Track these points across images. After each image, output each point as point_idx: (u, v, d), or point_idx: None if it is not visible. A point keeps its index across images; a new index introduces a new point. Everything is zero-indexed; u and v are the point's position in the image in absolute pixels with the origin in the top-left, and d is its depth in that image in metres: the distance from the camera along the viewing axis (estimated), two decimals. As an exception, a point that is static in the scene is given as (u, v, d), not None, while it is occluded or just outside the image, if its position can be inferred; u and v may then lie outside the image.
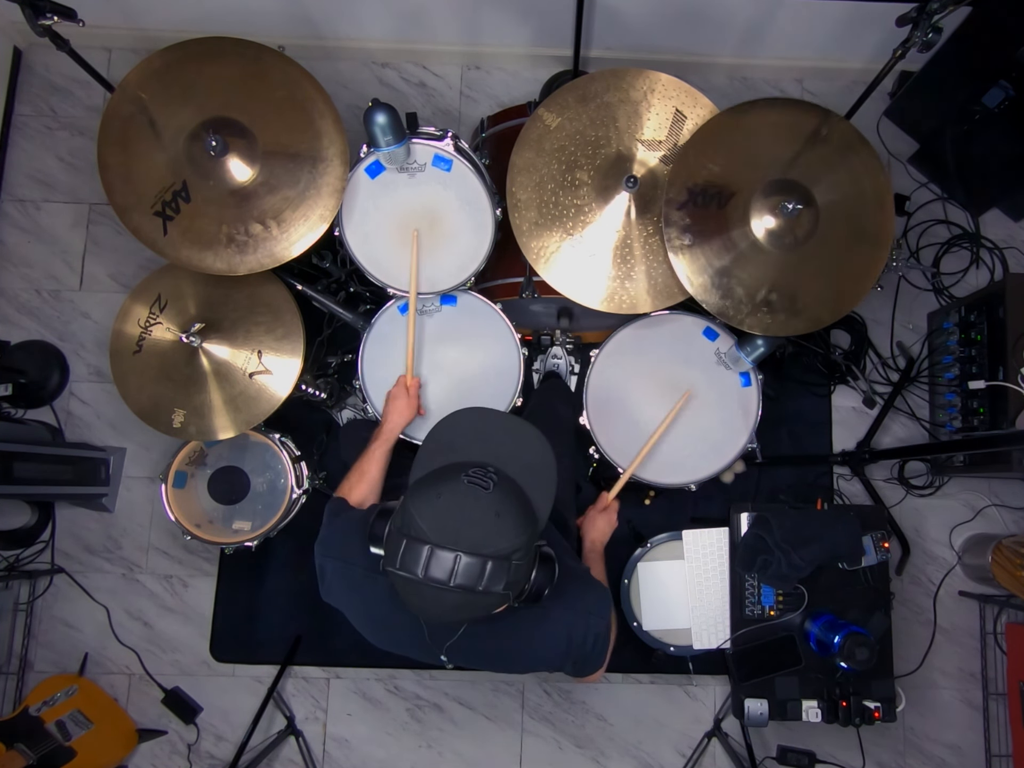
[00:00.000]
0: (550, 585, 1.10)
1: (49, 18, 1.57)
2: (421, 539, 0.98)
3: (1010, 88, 2.04)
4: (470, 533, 0.98)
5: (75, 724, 2.08)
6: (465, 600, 0.99)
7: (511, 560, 0.99)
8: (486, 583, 0.97)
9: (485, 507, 1.01)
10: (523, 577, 1.05)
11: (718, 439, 1.88)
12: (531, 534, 1.05)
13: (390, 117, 1.54)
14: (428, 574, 0.96)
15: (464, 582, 0.96)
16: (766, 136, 1.69)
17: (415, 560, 0.97)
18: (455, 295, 1.90)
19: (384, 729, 2.28)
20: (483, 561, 0.97)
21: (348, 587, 1.27)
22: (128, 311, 1.91)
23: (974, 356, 2.17)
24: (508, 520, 1.01)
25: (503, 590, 0.99)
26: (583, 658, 1.27)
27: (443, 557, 0.96)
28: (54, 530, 2.33)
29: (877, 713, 1.94)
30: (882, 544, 1.99)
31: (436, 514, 1.00)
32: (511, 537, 1.00)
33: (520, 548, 1.01)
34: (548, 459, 1.15)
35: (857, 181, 1.69)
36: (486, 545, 0.98)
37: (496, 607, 1.04)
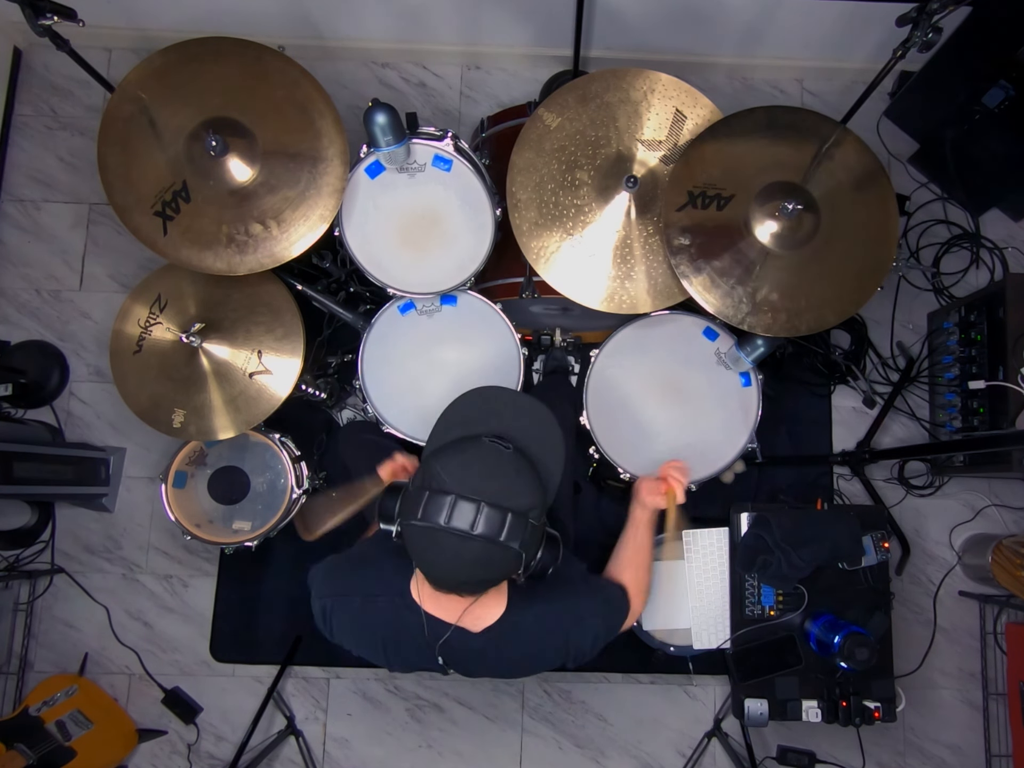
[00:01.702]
0: (555, 564, 1.13)
1: (49, 18, 1.57)
2: (444, 490, 1.02)
3: (1010, 88, 2.04)
4: (492, 486, 1.03)
5: (75, 724, 2.08)
6: (484, 552, 1.01)
7: (528, 518, 1.03)
8: (506, 535, 1.01)
9: (507, 464, 1.06)
10: (535, 542, 1.08)
11: (718, 439, 1.88)
12: (545, 499, 1.09)
13: (390, 117, 1.54)
14: (451, 523, 1.00)
15: (485, 531, 1.00)
16: (768, 139, 1.69)
17: (438, 509, 1.01)
18: (455, 295, 1.90)
19: (384, 729, 2.28)
20: (504, 513, 1.01)
21: (350, 619, 1.27)
22: (128, 311, 1.91)
23: (974, 356, 2.17)
24: (526, 478, 1.07)
25: (519, 548, 1.02)
26: (581, 656, 1.28)
27: (466, 507, 1.00)
28: (54, 530, 2.33)
29: (877, 713, 1.94)
30: (882, 544, 1.98)
31: (460, 466, 1.05)
32: (529, 494, 1.05)
33: (536, 507, 1.05)
34: (558, 436, 1.19)
35: (858, 184, 1.69)
36: (508, 498, 1.02)
37: (509, 570, 1.06)
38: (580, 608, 1.26)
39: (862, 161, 1.71)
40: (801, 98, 2.58)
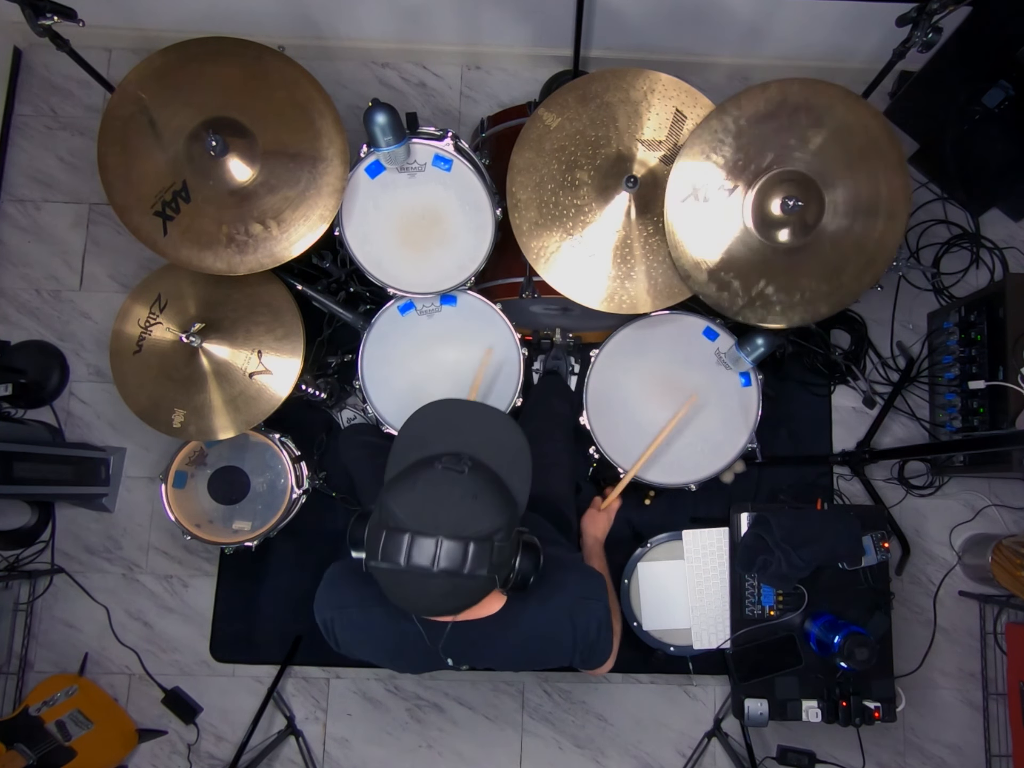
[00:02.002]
0: (535, 573, 1.09)
1: (49, 18, 1.58)
2: (400, 528, 0.98)
3: (1010, 88, 2.05)
4: (449, 517, 0.99)
5: (75, 724, 2.08)
6: (451, 586, 0.99)
7: (493, 541, 1.00)
8: (470, 566, 0.97)
9: (461, 490, 1.01)
10: (506, 561, 1.04)
11: (718, 439, 1.89)
12: (510, 516, 1.05)
13: (390, 117, 1.54)
14: (411, 562, 0.96)
15: (448, 566, 0.96)
16: (775, 126, 1.67)
17: (396, 549, 0.97)
18: (455, 295, 1.90)
19: (384, 729, 2.28)
20: (465, 543, 0.97)
21: (352, 632, 1.27)
22: (128, 311, 1.91)
23: (974, 356, 2.17)
24: (486, 501, 1.02)
25: (488, 573, 0.99)
26: (589, 646, 1.26)
27: (424, 543, 0.96)
28: (54, 530, 2.33)
29: (877, 713, 1.94)
30: (882, 544, 1.99)
31: (413, 501, 1.00)
32: (490, 517, 1.01)
33: (501, 528, 1.01)
34: (521, 443, 1.16)
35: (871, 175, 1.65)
36: (466, 527, 0.98)
37: (484, 593, 1.04)
38: (581, 590, 1.25)
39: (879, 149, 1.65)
40: (801, 98, 2.57)
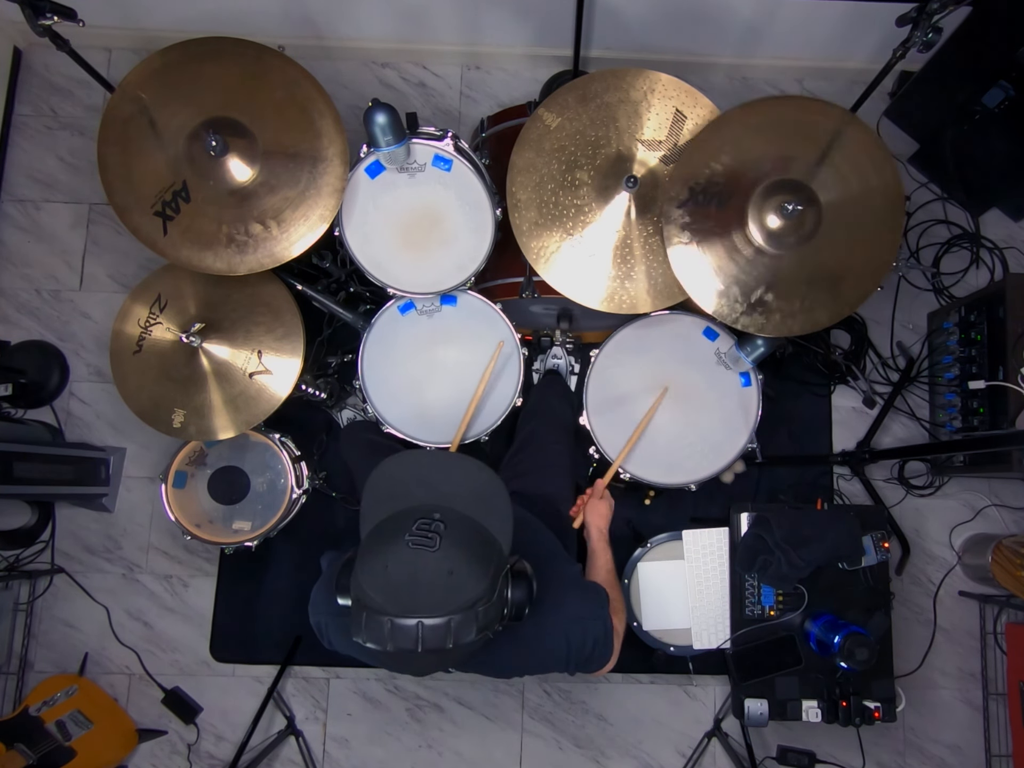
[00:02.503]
0: (529, 602, 1.07)
1: (49, 18, 1.57)
2: (379, 611, 0.96)
3: (1010, 88, 2.04)
4: (426, 598, 0.96)
5: (75, 724, 2.08)
6: (439, 658, 0.99)
7: (476, 610, 0.97)
8: (454, 639, 0.96)
9: (435, 568, 0.97)
10: (495, 617, 1.02)
11: (718, 439, 1.89)
12: (493, 574, 1.02)
13: (390, 117, 1.54)
14: (395, 645, 0.95)
15: (432, 646, 0.95)
16: (771, 135, 1.68)
17: (379, 634, 0.96)
18: (455, 295, 1.90)
19: (384, 729, 2.28)
20: (447, 621, 0.95)
21: (345, 638, 1.26)
22: (128, 311, 1.91)
23: (974, 356, 2.17)
24: (463, 573, 0.98)
25: (476, 637, 0.98)
26: (585, 660, 1.27)
27: (405, 626, 0.94)
28: (54, 530, 2.33)
29: (877, 713, 1.94)
30: (882, 544, 1.99)
31: (387, 586, 0.97)
32: (469, 590, 0.98)
33: (483, 596, 0.99)
34: (495, 484, 1.13)
35: (865, 180, 1.66)
36: (445, 605, 0.95)
37: (478, 647, 1.02)
38: (578, 610, 1.25)
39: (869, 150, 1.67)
40: (801, 98, 2.58)
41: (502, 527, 1.09)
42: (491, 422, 1.90)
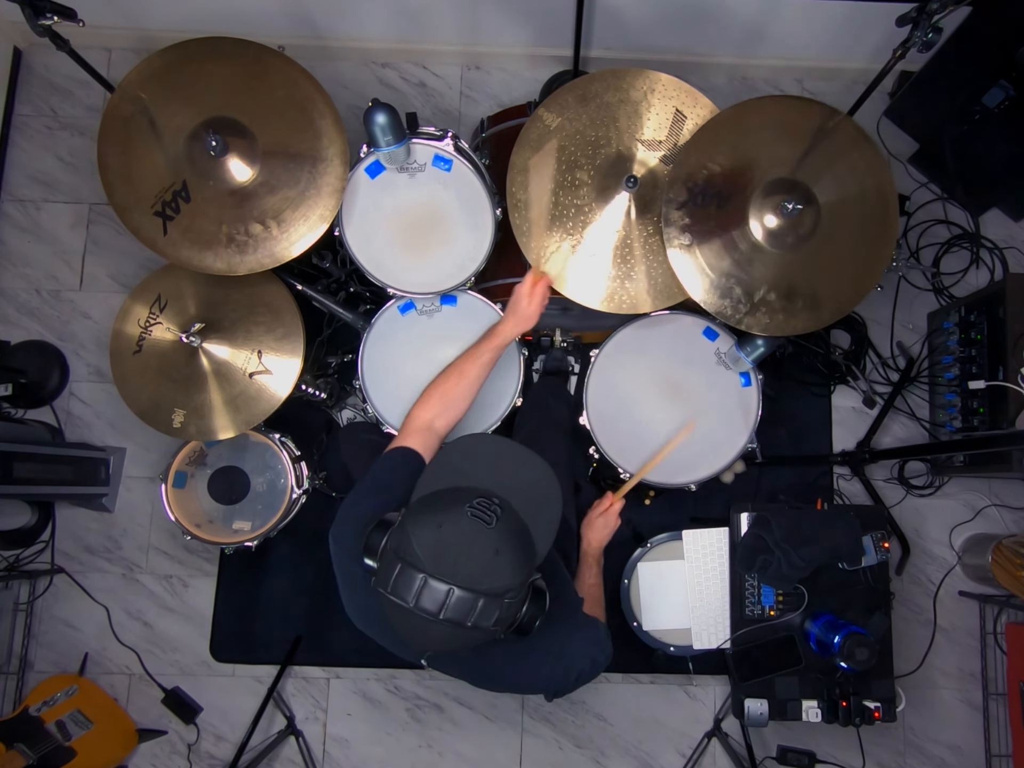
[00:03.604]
0: (541, 617, 1.08)
1: (49, 18, 1.57)
2: (416, 566, 0.97)
3: (1010, 88, 2.04)
4: (467, 568, 0.97)
5: (75, 724, 2.08)
6: (452, 633, 0.98)
7: (503, 599, 0.99)
8: (475, 619, 0.97)
9: (485, 543, 0.99)
10: (512, 615, 1.03)
11: (718, 439, 1.88)
12: (527, 574, 1.03)
13: (390, 117, 1.54)
14: (419, 604, 0.96)
15: (454, 616, 0.96)
16: (767, 135, 1.68)
17: (407, 587, 0.96)
18: (455, 295, 1.90)
19: (384, 729, 2.28)
20: (476, 597, 0.96)
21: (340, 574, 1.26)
22: (128, 311, 1.91)
23: (974, 356, 2.17)
24: (506, 559, 1.00)
25: (492, 626, 0.99)
26: (562, 690, 1.26)
27: (436, 588, 0.95)
28: (54, 530, 2.33)
29: (877, 713, 1.94)
30: (882, 544, 1.99)
31: (435, 543, 0.98)
32: (507, 576, 0.99)
33: (514, 588, 1.00)
34: (555, 494, 1.14)
35: (860, 179, 1.67)
36: (481, 582, 0.97)
37: (482, 641, 1.03)
38: (572, 645, 1.23)
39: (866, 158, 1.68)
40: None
41: (545, 538, 1.10)
42: (491, 422, 1.90)
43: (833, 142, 1.68)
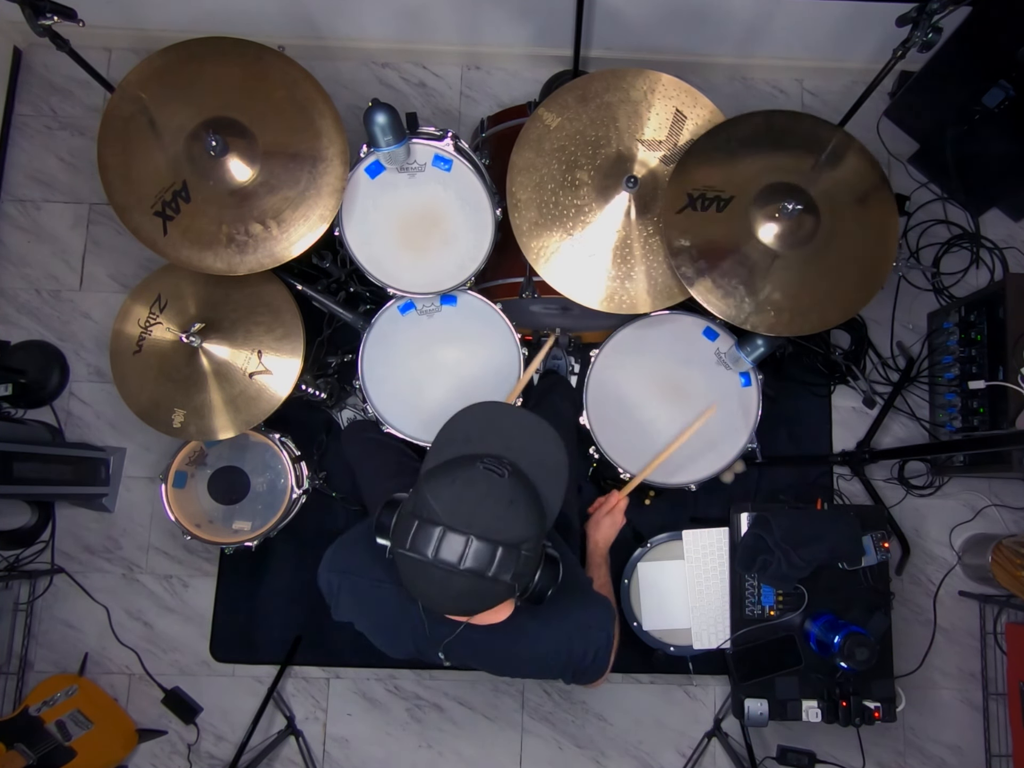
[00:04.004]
0: (554, 586, 1.09)
1: (49, 18, 1.57)
2: (433, 520, 0.99)
3: (1010, 88, 2.04)
4: (483, 518, 0.99)
5: (75, 724, 2.08)
6: (472, 586, 0.99)
7: (520, 550, 1.00)
8: (495, 570, 0.98)
9: (499, 494, 1.02)
10: (530, 571, 1.05)
11: (718, 439, 1.89)
12: (540, 528, 1.05)
13: (390, 117, 1.54)
14: (439, 556, 0.97)
15: (474, 566, 0.97)
16: (765, 145, 1.71)
17: (426, 541, 0.98)
18: (455, 295, 1.90)
19: (384, 729, 2.28)
20: (494, 547, 0.98)
21: (355, 599, 1.27)
22: (128, 311, 1.91)
23: (974, 356, 2.17)
24: (520, 509, 1.02)
25: (510, 580, 1.00)
26: (582, 671, 1.27)
27: (454, 539, 0.97)
28: (54, 530, 2.33)
29: (877, 713, 1.94)
30: (882, 544, 1.99)
31: (451, 497, 1.01)
32: (522, 526, 1.01)
33: (530, 539, 1.02)
34: (561, 458, 1.16)
35: (856, 185, 1.69)
36: (498, 531, 0.99)
37: (500, 599, 1.04)
38: (585, 618, 1.25)
39: (861, 165, 1.71)
40: (801, 98, 2.58)
41: (554, 502, 1.12)
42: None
43: (833, 153, 1.70)
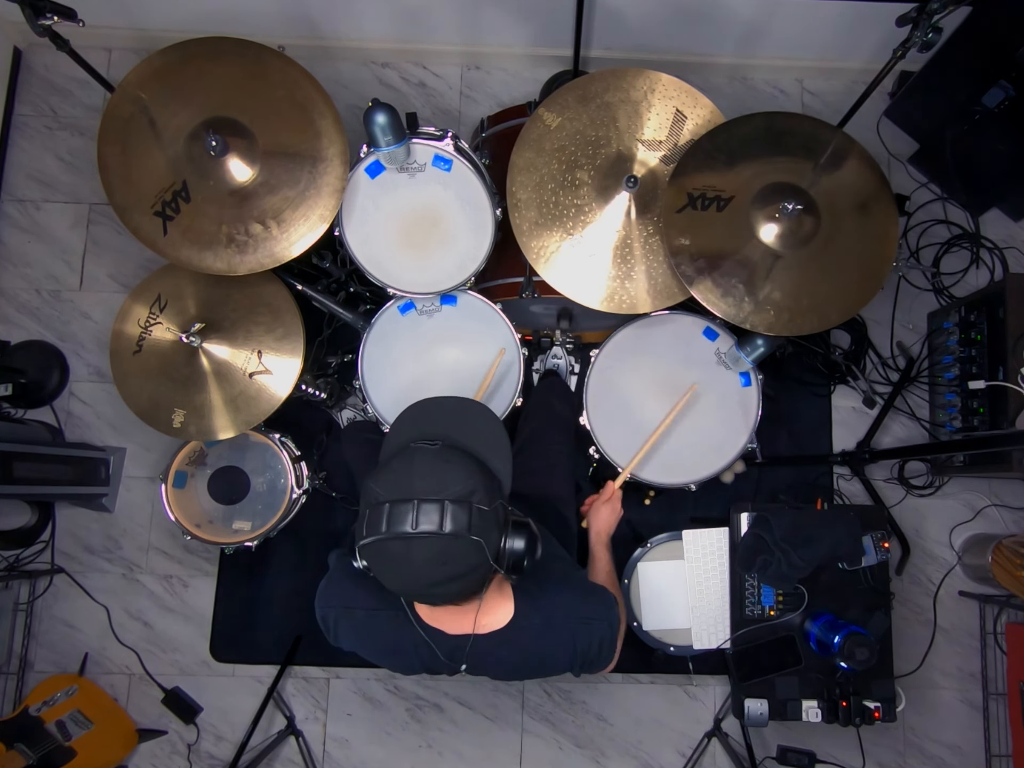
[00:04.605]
0: (532, 555, 1.09)
1: (49, 18, 1.57)
2: (379, 501, 1.01)
3: (1010, 88, 2.04)
4: (424, 483, 1.01)
5: (75, 724, 2.08)
6: (433, 548, 0.98)
7: (471, 503, 1.01)
8: (450, 525, 0.98)
9: (432, 458, 1.05)
10: (490, 527, 1.03)
11: (718, 439, 1.88)
12: (485, 480, 1.06)
13: (390, 117, 1.54)
14: (391, 528, 0.98)
15: (426, 527, 0.98)
16: (761, 145, 1.71)
17: (377, 522, 0.99)
18: (455, 295, 1.90)
19: (384, 729, 2.28)
20: (440, 504, 0.99)
21: (354, 631, 1.27)
22: (128, 311, 1.91)
23: (974, 356, 2.17)
24: (457, 465, 1.05)
25: (471, 535, 0.99)
26: (590, 662, 1.27)
27: (402, 508, 0.99)
28: (54, 530, 2.33)
29: (877, 713, 1.94)
30: (882, 544, 1.99)
31: (388, 476, 1.04)
32: (463, 479, 1.03)
33: (477, 490, 1.02)
34: (495, 426, 1.18)
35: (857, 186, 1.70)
36: (440, 490, 1.00)
37: (473, 562, 1.02)
38: (586, 611, 1.25)
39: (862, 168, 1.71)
40: (801, 98, 2.58)
41: (503, 468, 1.13)
42: (491, 422, 1.90)
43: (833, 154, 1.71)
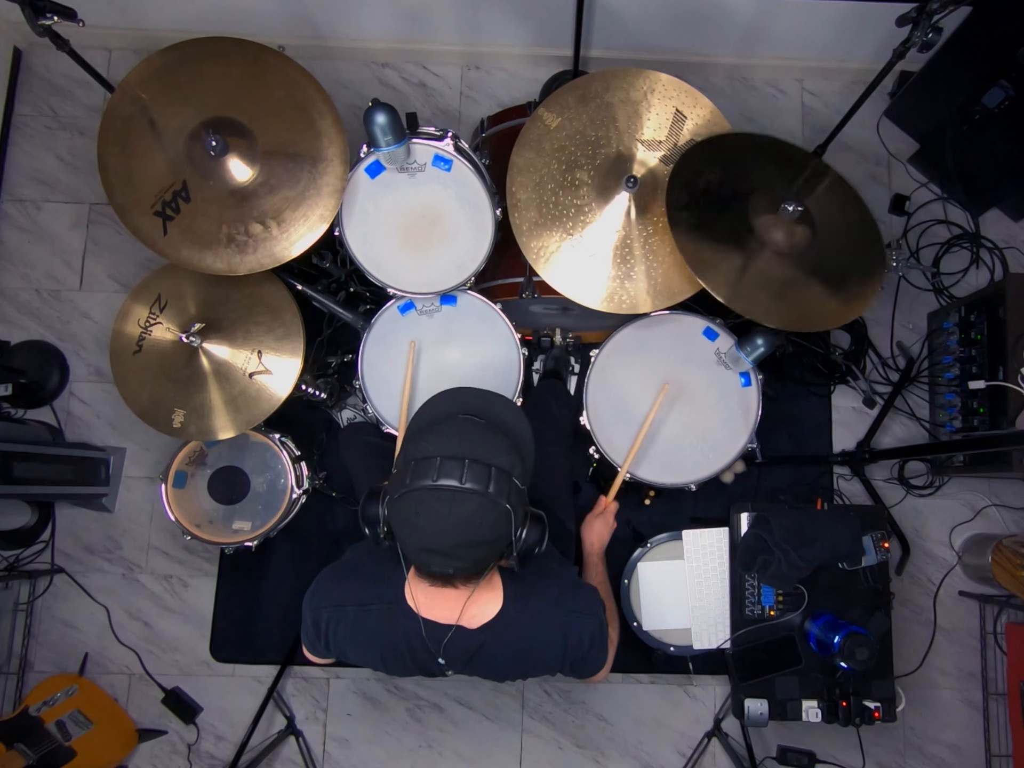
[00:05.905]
0: (539, 546, 1.14)
1: (49, 18, 1.57)
2: (428, 455, 1.06)
3: (1010, 88, 2.04)
4: (472, 447, 1.07)
5: (75, 724, 2.08)
6: (475, 506, 1.03)
7: (511, 476, 1.07)
8: (494, 488, 1.03)
9: (482, 429, 1.12)
10: (521, 505, 1.09)
11: (718, 439, 1.89)
12: (523, 466, 1.12)
13: (390, 117, 1.54)
14: (439, 480, 1.03)
15: (473, 484, 1.02)
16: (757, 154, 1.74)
17: (427, 471, 1.04)
18: (455, 295, 1.90)
19: (384, 729, 2.28)
20: (488, 467, 1.04)
21: (346, 629, 1.27)
22: (128, 311, 1.91)
23: (974, 356, 2.17)
24: (503, 441, 1.11)
25: (507, 504, 1.04)
26: (580, 659, 1.28)
27: (452, 464, 1.04)
28: (54, 530, 2.33)
29: (877, 713, 1.94)
30: (882, 544, 1.99)
31: (439, 437, 1.09)
32: (508, 454, 1.09)
33: (516, 467, 1.09)
34: (525, 424, 1.24)
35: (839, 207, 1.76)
36: (490, 456, 1.07)
37: (500, 532, 1.06)
38: (575, 603, 1.27)
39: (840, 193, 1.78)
40: (801, 98, 2.58)
41: (526, 454, 1.19)
42: (491, 422, 1.90)
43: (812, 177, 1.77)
